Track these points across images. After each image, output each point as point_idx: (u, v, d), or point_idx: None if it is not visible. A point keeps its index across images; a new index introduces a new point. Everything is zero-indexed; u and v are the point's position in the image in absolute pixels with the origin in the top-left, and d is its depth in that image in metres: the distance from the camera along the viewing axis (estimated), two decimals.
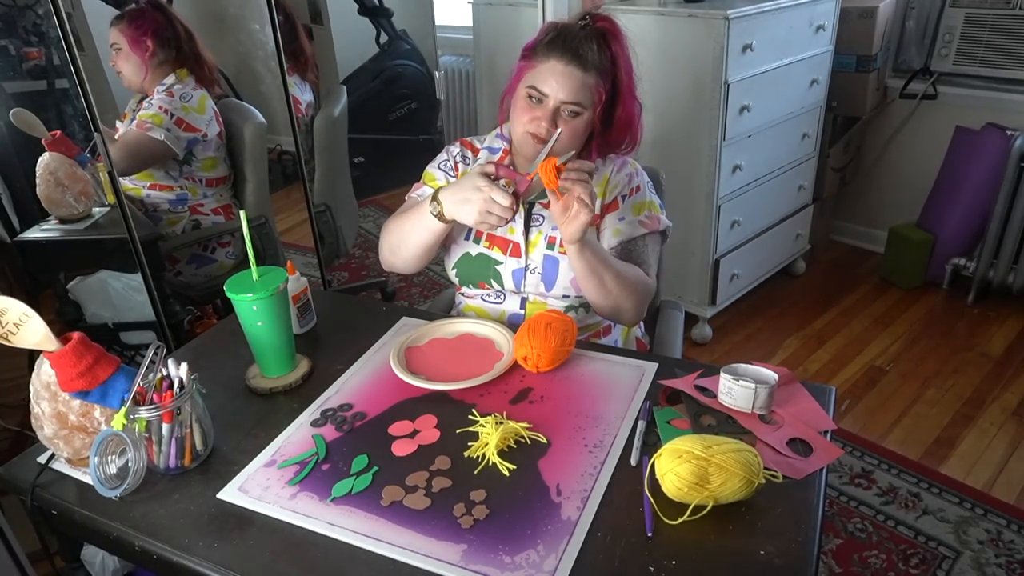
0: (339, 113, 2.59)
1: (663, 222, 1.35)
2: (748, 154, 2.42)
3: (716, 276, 2.52)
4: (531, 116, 1.22)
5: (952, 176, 2.71)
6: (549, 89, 1.20)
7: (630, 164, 1.36)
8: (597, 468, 0.95)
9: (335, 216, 2.53)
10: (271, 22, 1.99)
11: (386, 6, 3.58)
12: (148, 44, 1.96)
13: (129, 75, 2.00)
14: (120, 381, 0.95)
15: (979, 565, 1.71)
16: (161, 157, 1.99)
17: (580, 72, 1.20)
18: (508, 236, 1.32)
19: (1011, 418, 2.18)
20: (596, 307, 1.26)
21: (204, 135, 2.04)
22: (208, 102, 2.06)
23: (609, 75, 1.23)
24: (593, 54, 1.20)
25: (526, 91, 1.23)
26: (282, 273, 1.14)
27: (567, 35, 1.21)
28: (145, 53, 1.96)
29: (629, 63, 1.26)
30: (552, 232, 1.30)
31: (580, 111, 1.22)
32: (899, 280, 2.90)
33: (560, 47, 1.20)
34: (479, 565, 0.81)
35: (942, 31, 2.72)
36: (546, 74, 1.20)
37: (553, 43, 1.21)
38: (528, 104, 1.23)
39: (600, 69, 1.21)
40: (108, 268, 2.03)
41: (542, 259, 1.30)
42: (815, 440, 0.97)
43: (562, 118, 1.21)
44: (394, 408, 1.09)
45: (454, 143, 1.42)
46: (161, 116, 1.96)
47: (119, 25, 1.95)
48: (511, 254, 1.32)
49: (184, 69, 2.02)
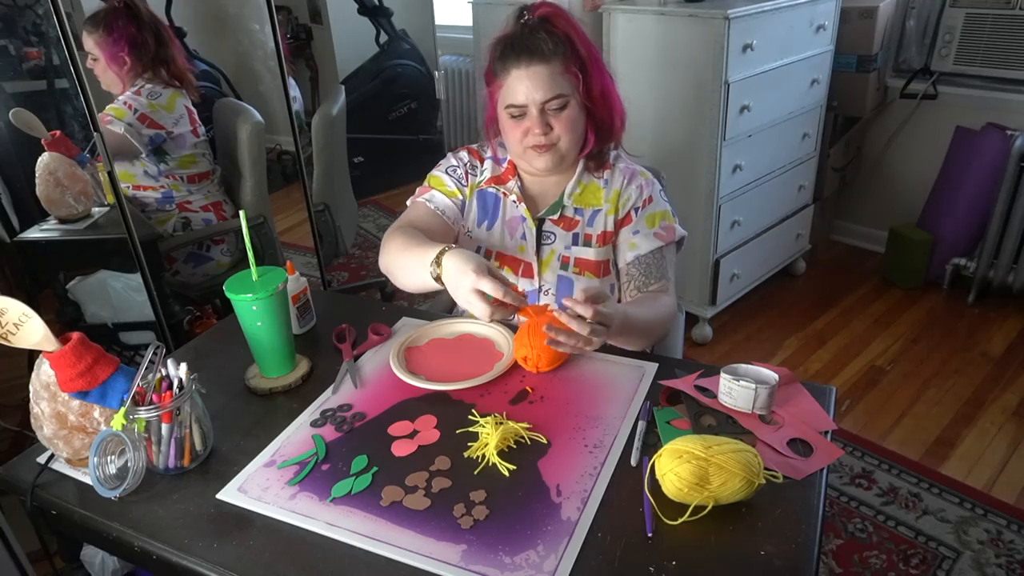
0: (338, 113, 2.59)
1: (678, 232, 1.31)
2: (748, 154, 2.41)
3: (716, 276, 2.52)
4: (522, 131, 1.20)
5: (952, 176, 2.71)
6: (524, 97, 1.18)
7: (640, 175, 1.31)
8: (597, 468, 0.95)
9: (334, 216, 2.53)
10: (271, 22, 1.99)
11: (386, 6, 3.58)
12: (125, 59, 1.99)
13: (108, 83, 2.03)
14: (119, 381, 0.95)
15: (979, 565, 1.71)
16: (121, 150, 2.00)
17: (543, 65, 1.17)
18: (519, 256, 1.29)
19: (1011, 418, 2.18)
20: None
21: (170, 132, 2.05)
22: (180, 100, 2.07)
23: (573, 54, 1.19)
24: (546, 42, 1.17)
25: (506, 112, 1.21)
26: (281, 273, 1.13)
27: (514, 40, 1.19)
28: (123, 67, 2.00)
29: (585, 37, 1.22)
30: (565, 252, 1.27)
31: (564, 101, 1.19)
32: (899, 280, 2.90)
33: (513, 54, 1.18)
34: (479, 565, 0.81)
35: (942, 31, 2.72)
36: (514, 86, 1.18)
37: (505, 54, 1.19)
38: (514, 122, 1.21)
39: (561, 53, 1.18)
40: (108, 268, 2.04)
41: (556, 280, 1.27)
42: (815, 440, 0.97)
43: (551, 117, 1.19)
44: (394, 408, 1.09)
45: (461, 150, 1.38)
46: (124, 111, 1.99)
47: (94, 36, 1.95)
48: (523, 274, 1.29)
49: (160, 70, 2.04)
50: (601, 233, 1.28)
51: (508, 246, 1.30)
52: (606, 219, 1.28)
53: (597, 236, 1.28)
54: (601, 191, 1.30)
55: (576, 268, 1.27)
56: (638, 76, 2.39)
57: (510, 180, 1.32)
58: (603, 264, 1.28)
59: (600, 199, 1.29)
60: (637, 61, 2.38)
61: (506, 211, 1.31)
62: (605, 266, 1.28)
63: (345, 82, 3.57)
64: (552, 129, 1.20)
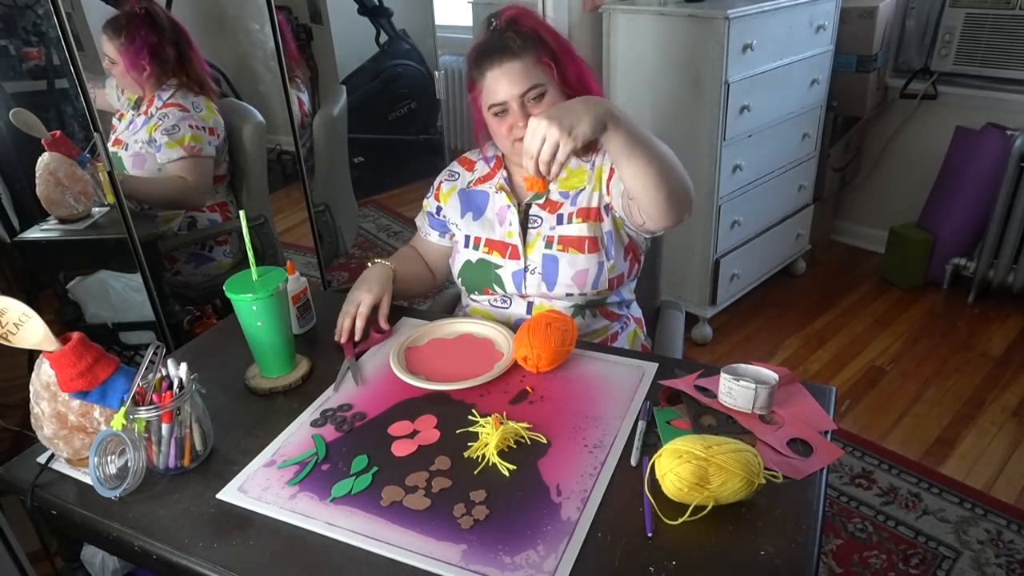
0: (339, 113, 2.59)
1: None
2: (748, 154, 2.41)
3: (716, 276, 2.52)
4: (507, 128, 1.25)
5: (952, 176, 2.71)
6: (503, 95, 1.22)
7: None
8: (597, 468, 0.95)
9: (335, 216, 2.53)
10: (271, 22, 1.99)
11: (386, 6, 3.58)
12: (145, 66, 1.98)
13: (127, 86, 2.03)
14: (120, 381, 0.95)
15: (979, 565, 1.71)
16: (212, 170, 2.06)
17: (515, 61, 1.21)
18: (506, 240, 1.33)
19: (1011, 418, 2.18)
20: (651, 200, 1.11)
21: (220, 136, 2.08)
22: (212, 103, 2.08)
23: (543, 46, 1.24)
24: (514, 40, 1.22)
25: (490, 112, 1.26)
26: (282, 273, 1.14)
27: (485, 45, 1.25)
28: (143, 74, 1.98)
29: (553, 30, 1.28)
30: (550, 232, 1.30)
31: (542, 90, 1.23)
32: (899, 280, 2.90)
33: (487, 57, 1.23)
34: (479, 565, 0.81)
35: (942, 31, 2.72)
36: (492, 86, 1.23)
37: (479, 60, 1.25)
38: (498, 120, 1.26)
39: (531, 47, 1.23)
40: (108, 268, 2.03)
41: (541, 259, 1.30)
42: (815, 440, 0.97)
43: (532, 108, 1.23)
44: (394, 408, 1.09)
45: (453, 162, 1.46)
46: (199, 134, 2.00)
47: (115, 42, 1.94)
48: (510, 256, 1.32)
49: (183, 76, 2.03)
50: (584, 208, 1.30)
51: (496, 232, 1.35)
52: (590, 195, 1.31)
53: (579, 211, 1.30)
54: (586, 173, 1.33)
55: (560, 245, 1.29)
56: (638, 76, 2.39)
57: (496, 175, 1.37)
58: (588, 240, 1.29)
59: (584, 180, 1.32)
60: (637, 61, 2.38)
61: (494, 203, 1.36)
62: (591, 242, 1.29)
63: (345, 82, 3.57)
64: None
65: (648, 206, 1.13)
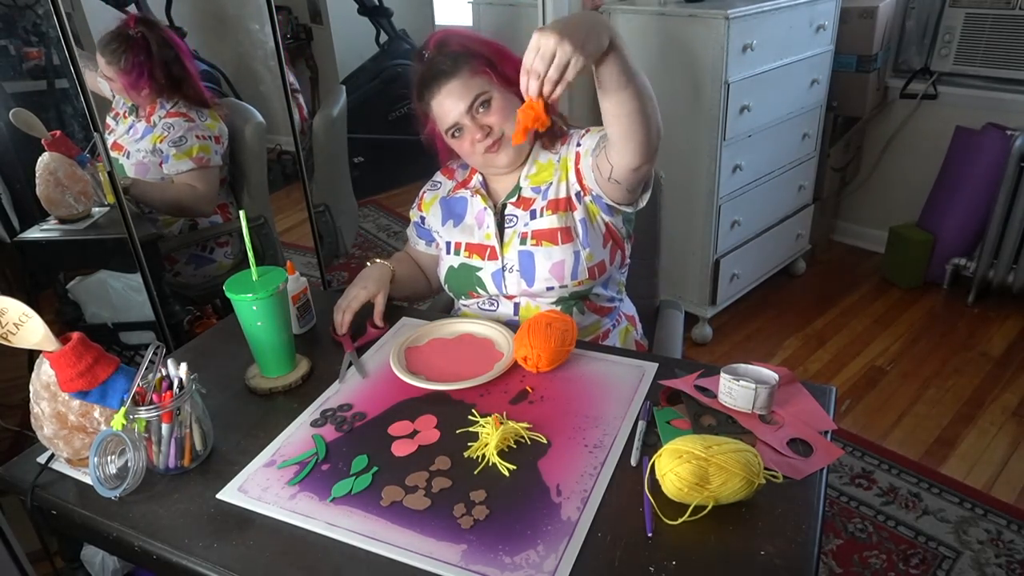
0: (338, 113, 2.58)
1: None
2: (748, 154, 2.41)
3: (716, 276, 2.52)
4: (468, 144, 1.28)
5: (952, 176, 2.71)
6: (453, 116, 1.26)
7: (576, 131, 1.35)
8: (597, 468, 0.95)
9: (334, 216, 2.53)
10: (271, 22, 1.99)
11: (386, 6, 3.58)
12: (143, 86, 1.98)
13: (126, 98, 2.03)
14: (120, 381, 0.95)
15: (979, 565, 1.71)
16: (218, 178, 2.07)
17: (452, 80, 1.25)
18: (485, 242, 1.34)
19: (1011, 418, 2.18)
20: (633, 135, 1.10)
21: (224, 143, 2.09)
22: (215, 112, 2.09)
23: (475, 57, 1.26)
24: (446, 62, 1.26)
25: (448, 135, 1.29)
26: (282, 273, 1.14)
27: (424, 75, 1.28)
28: (141, 93, 1.99)
29: (481, 38, 1.31)
30: (524, 228, 1.30)
31: (487, 96, 1.25)
32: (899, 280, 2.90)
33: (426, 87, 1.28)
34: (479, 565, 0.81)
35: (942, 31, 2.72)
36: (440, 111, 1.27)
37: (421, 92, 1.29)
38: (458, 140, 1.29)
39: (464, 62, 1.25)
40: (108, 268, 2.04)
41: (517, 256, 1.30)
42: (815, 440, 0.97)
43: (483, 117, 1.25)
44: (394, 408, 1.09)
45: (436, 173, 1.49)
46: (207, 144, 2.01)
47: (113, 67, 1.92)
48: (488, 258, 1.33)
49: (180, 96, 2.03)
50: (553, 200, 1.30)
51: (475, 236, 1.36)
52: (558, 187, 1.31)
53: (549, 204, 1.31)
54: (554, 165, 1.33)
55: (534, 240, 1.29)
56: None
57: (472, 179, 1.39)
58: (560, 231, 1.28)
59: (552, 172, 1.33)
60: (637, 61, 2.37)
61: (472, 207, 1.38)
62: (564, 233, 1.28)
63: (345, 82, 3.57)
64: (491, 127, 1.26)
65: (626, 141, 1.11)
